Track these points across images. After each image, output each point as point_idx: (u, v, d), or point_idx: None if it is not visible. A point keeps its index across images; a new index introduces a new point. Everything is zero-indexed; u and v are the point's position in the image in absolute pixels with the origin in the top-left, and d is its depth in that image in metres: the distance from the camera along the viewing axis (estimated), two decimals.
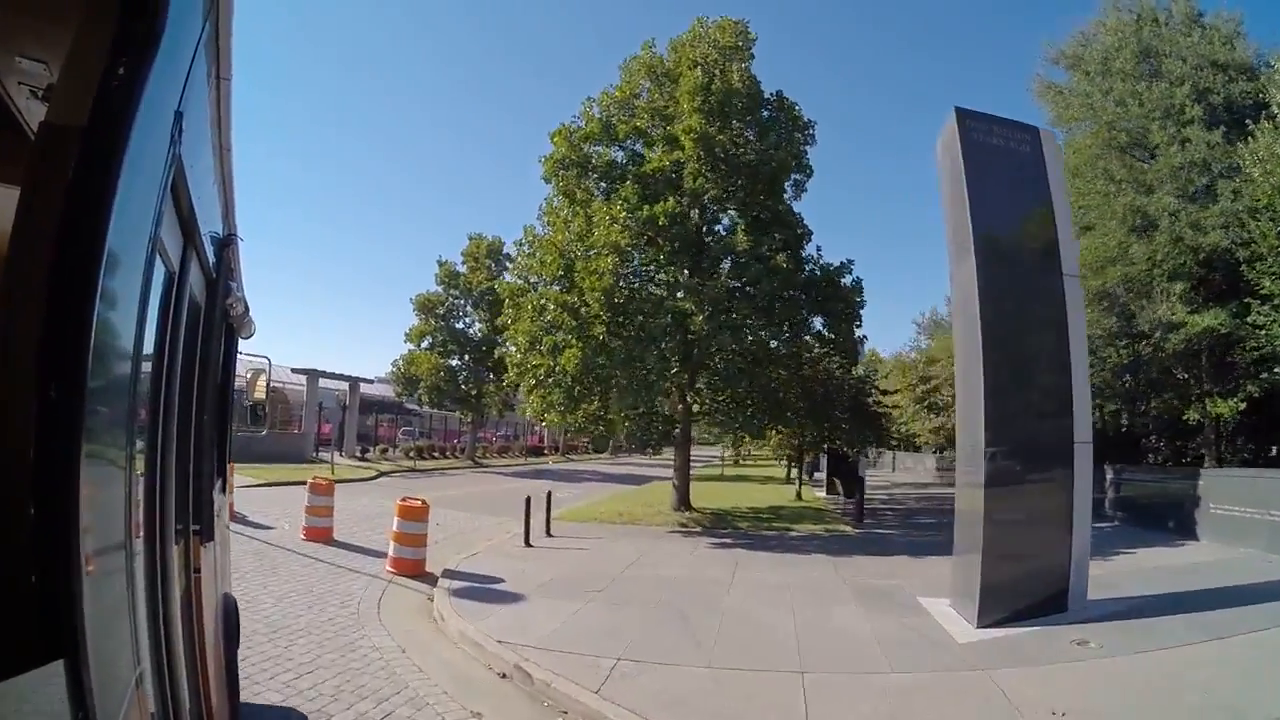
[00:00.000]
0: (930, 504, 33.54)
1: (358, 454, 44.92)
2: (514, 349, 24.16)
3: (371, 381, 52.03)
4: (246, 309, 5.08)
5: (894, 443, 49.67)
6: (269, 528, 18.36)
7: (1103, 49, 31.28)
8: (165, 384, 2.68)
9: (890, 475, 54.94)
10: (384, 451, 48.27)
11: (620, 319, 21.58)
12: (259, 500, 23.19)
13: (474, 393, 52.08)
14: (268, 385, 6.99)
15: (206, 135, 3.14)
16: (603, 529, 21.34)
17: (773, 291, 21.84)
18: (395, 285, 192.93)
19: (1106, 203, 29.49)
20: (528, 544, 17.41)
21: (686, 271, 22.54)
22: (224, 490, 5.68)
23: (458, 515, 23.70)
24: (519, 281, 25.24)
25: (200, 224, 2.95)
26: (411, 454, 49.19)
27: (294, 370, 45.90)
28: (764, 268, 21.80)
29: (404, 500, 14.70)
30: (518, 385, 48.18)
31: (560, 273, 22.35)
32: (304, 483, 27.40)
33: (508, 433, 75.08)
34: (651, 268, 23.60)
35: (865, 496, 27.98)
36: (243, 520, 18.87)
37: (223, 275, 3.93)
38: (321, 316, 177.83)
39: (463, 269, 53.32)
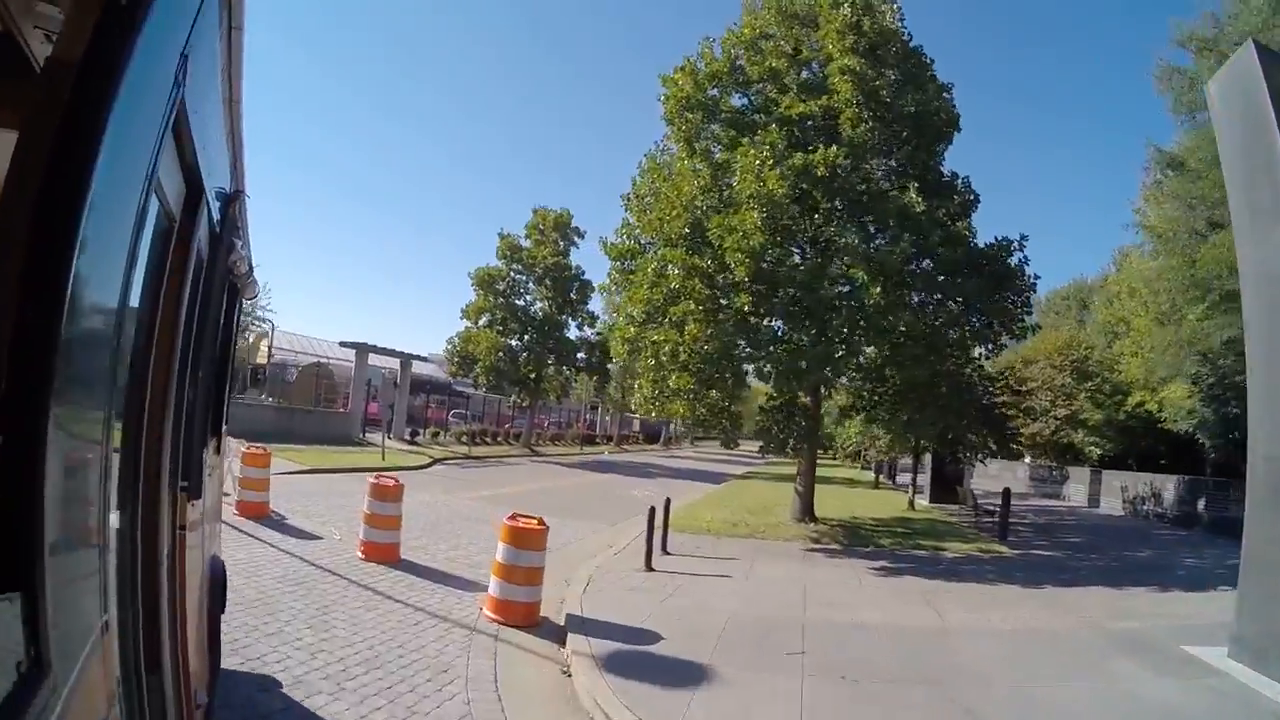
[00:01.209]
0: (1052, 517, 31.44)
1: (407, 437, 41.37)
2: (623, 320, 20.36)
3: (425, 359, 48.44)
4: (251, 268, 5.45)
5: (1015, 449, 45.74)
6: (315, 537, 14.30)
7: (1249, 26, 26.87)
8: (158, 333, 2.65)
9: (974, 483, 51.00)
10: (435, 435, 44.40)
11: (770, 289, 17.91)
12: (302, 493, 19.19)
13: (533, 375, 48.64)
14: (270, 349, 7.18)
15: (216, 84, 3.16)
16: (723, 544, 17.71)
17: (954, 262, 18.31)
18: (451, 259, 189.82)
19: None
20: (649, 567, 14.01)
21: (854, 234, 18.40)
22: (219, 451, 5.72)
23: (548, 520, 19.75)
24: (627, 242, 21.34)
25: (205, 175, 2.93)
26: (464, 439, 45.56)
27: (342, 344, 42.42)
28: (944, 234, 18.20)
29: (515, 521, 10.39)
30: (596, 369, 44.61)
31: (686, 230, 18.66)
32: (353, 471, 25.72)
33: (559, 419, 71.36)
34: (806, 227, 19.60)
35: (979, 506, 26.23)
36: (281, 524, 15.07)
37: (227, 231, 3.92)
38: (369, 290, 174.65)
39: (527, 243, 50.03)
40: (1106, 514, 35.29)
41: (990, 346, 21.12)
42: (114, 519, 2.16)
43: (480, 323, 48.25)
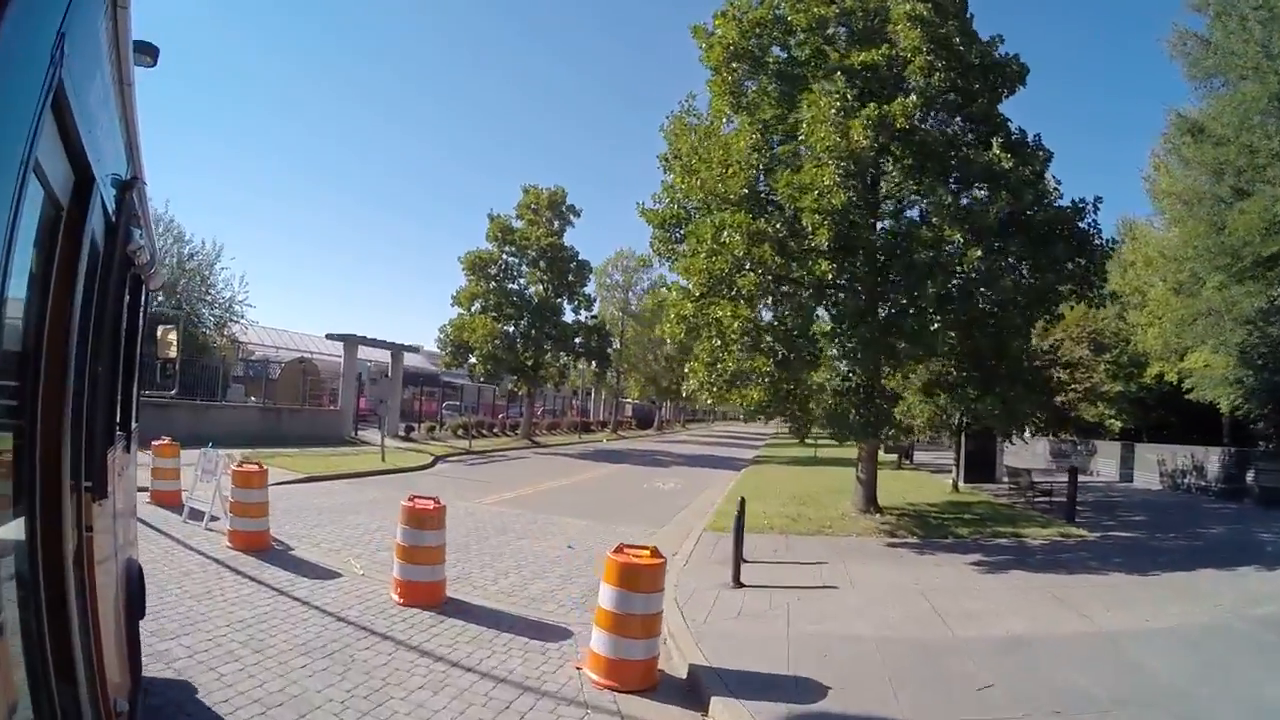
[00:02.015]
0: (1095, 494, 30.03)
1: (402, 433, 39.26)
2: (677, 295, 18.14)
3: (417, 350, 46.08)
4: (154, 258, 5.28)
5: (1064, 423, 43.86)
6: (331, 574, 11.55)
7: None
8: (48, 327, 2.54)
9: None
10: (431, 430, 42.31)
11: (849, 255, 16.04)
12: (303, 511, 16.79)
13: (531, 362, 46.49)
14: (179, 343, 6.91)
15: (103, 65, 3.08)
16: (796, 544, 15.82)
17: (1045, 223, 16.69)
18: (435, 247, 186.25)
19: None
20: (738, 582, 12.07)
21: (945, 193, 16.39)
22: (129, 449, 5.52)
23: (576, 524, 18.05)
24: (671, 207, 19.27)
25: (94, 161, 2.80)
26: (459, 432, 43.41)
27: (329, 336, 40.30)
28: (1035, 192, 16.46)
29: (625, 554, 7.99)
30: (595, 354, 42.69)
31: (744, 190, 16.68)
32: (354, 477, 23.83)
33: (553, 406, 69.24)
34: (892, 185, 17.90)
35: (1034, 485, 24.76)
36: (286, 558, 12.38)
37: (124, 219, 3.84)
38: (346, 281, 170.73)
39: (519, 224, 47.87)
40: (1144, 488, 33.80)
41: (1049, 317, 19.39)
42: (8, 521, 2.29)
43: (473, 309, 46.09)
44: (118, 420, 4.74)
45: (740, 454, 49.86)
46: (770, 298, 16.48)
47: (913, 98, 16.22)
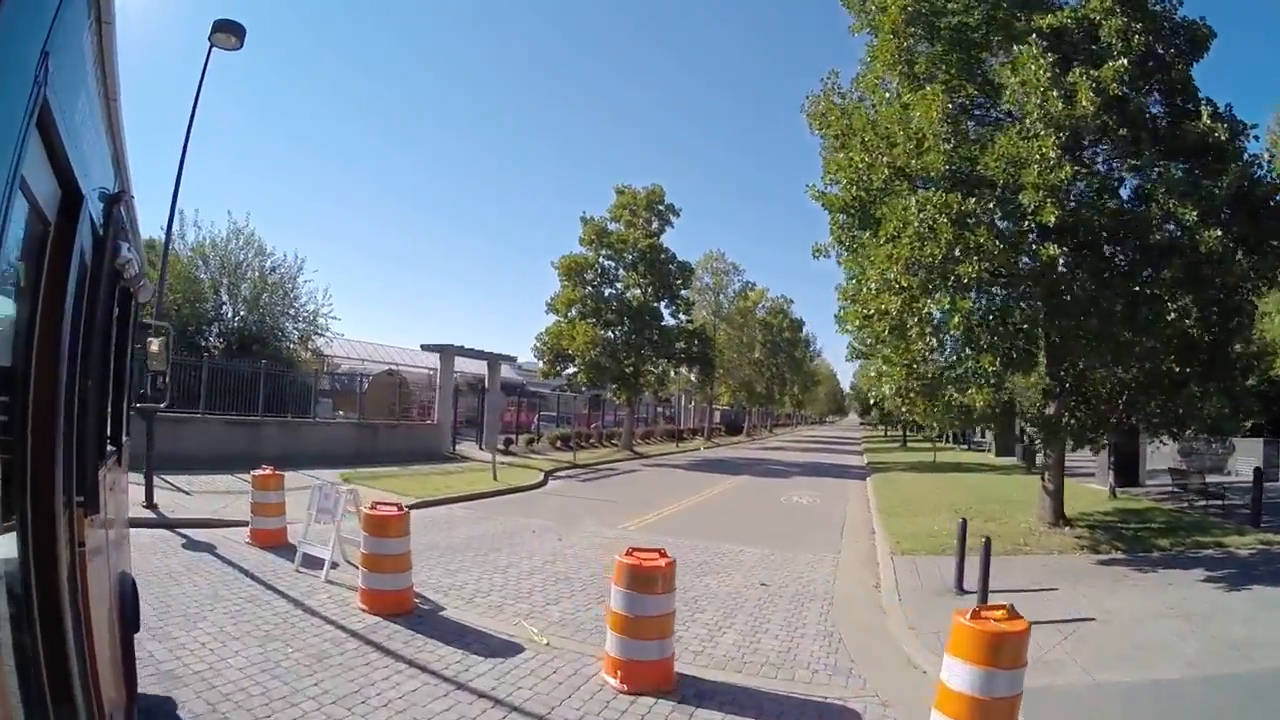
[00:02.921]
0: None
1: (501, 446, 37.38)
2: (873, 289, 15.76)
3: (514, 360, 44.39)
4: (142, 271, 5.19)
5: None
6: (511, 647, 8.97)
7: None
8: (38, 342, 2.55)
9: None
10: (530, 442, 40.68)
11: (1075, 238, 14.34)
12: (435, 551, 14.32)
13: (631, 370, 44.60)
14: (168, 355, 7.00)
15: (88, 83, 3.10)
16: (1004, 566, 13.37)
17: (1266, 197, 14.81)
18: (507, 257, 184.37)
19: None
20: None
21: (1174, 167, 14.46)
22: (121, 463, 5.64)
23: (750, 553, 15.98)
24: (850, 190, 17.01)
25: (81, 176, 2.81)
26: (558, 444, 41.90)
27: (425, 347, 38.90)
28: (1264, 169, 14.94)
29: (982, 619, 6.11)
30: (696, 359, 40.46)
31: (945, 166, 14.61)
32: (470, 499, 21.96)
33: (642, 415, 66.85)
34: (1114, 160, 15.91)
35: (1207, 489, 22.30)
36: (440, 625, 9.80)
37: (112, 233, 3.76)
38: (426, 293, 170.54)
39: (615, 226, 46.10)
40: None
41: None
42: (2, 538, 2.32)
43: (570, 315, 44.40)
44: (109, 434, 4.67)
45: (846, 460, 48.67)
46: (983, 288, 14.75)
47: (1122, 61, 14.20)
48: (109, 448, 4.63)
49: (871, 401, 22.13)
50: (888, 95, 17.60)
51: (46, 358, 2.60)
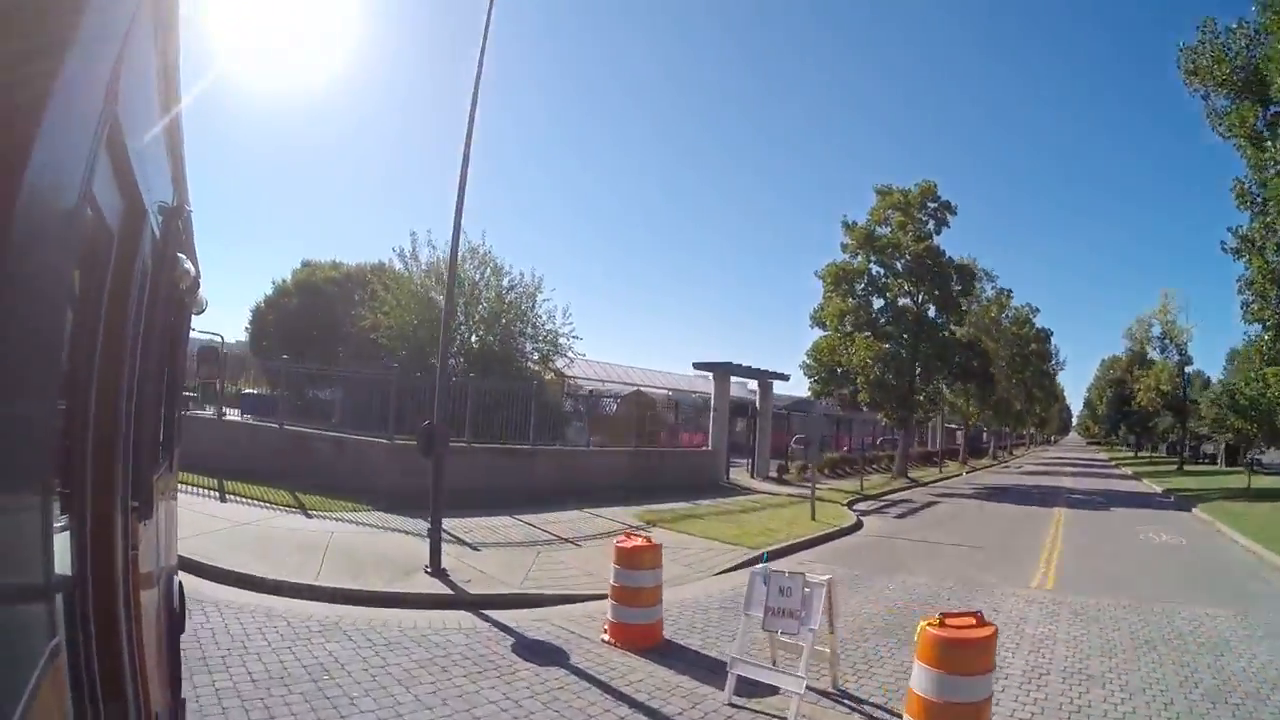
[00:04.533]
0: None
1: (774, 474, 33.82)
2: None
3: (786, 378, 39.99)
4: (198, 283, 5.23)
5: None
6: None
7: None
8: (100, 351, 2.54)
9: None
10: (803, 469, 35.75)
11: None
12: (862, 631, 10.81)
13: (915, 387, 39.82)
14: (219, 366, 7.38)
15: (152, 102, 3.11)
16: None
17: None
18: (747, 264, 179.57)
19: None
20: None
21: None
22: (171, 469, 5.63)
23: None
24: None
25: (144, 191, 2.86)
26: (826, 470, 36.60)
27: (697, 366, 35.33)
28: None
29: None
30: (974, 374, 35.84)
31: None
32: (804, 548, 18.13)
33: (890, 436, 61.52)
34: None
35: None
36: None
37: (171, 245, 3.87)
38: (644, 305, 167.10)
39: (885, 229, 41.21)
40: None
41: None
42: (63, 541, 2.28)
43: (843, 328, 39.89)
44: (162, 441, 4.65)
45: (1123, 485, 45.30)
46: None
47: None
48: (162, 455, 4.68)
49: None
50: None
51: (108, 366, 2.65)
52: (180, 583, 5.95)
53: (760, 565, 8.68)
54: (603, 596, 11.47)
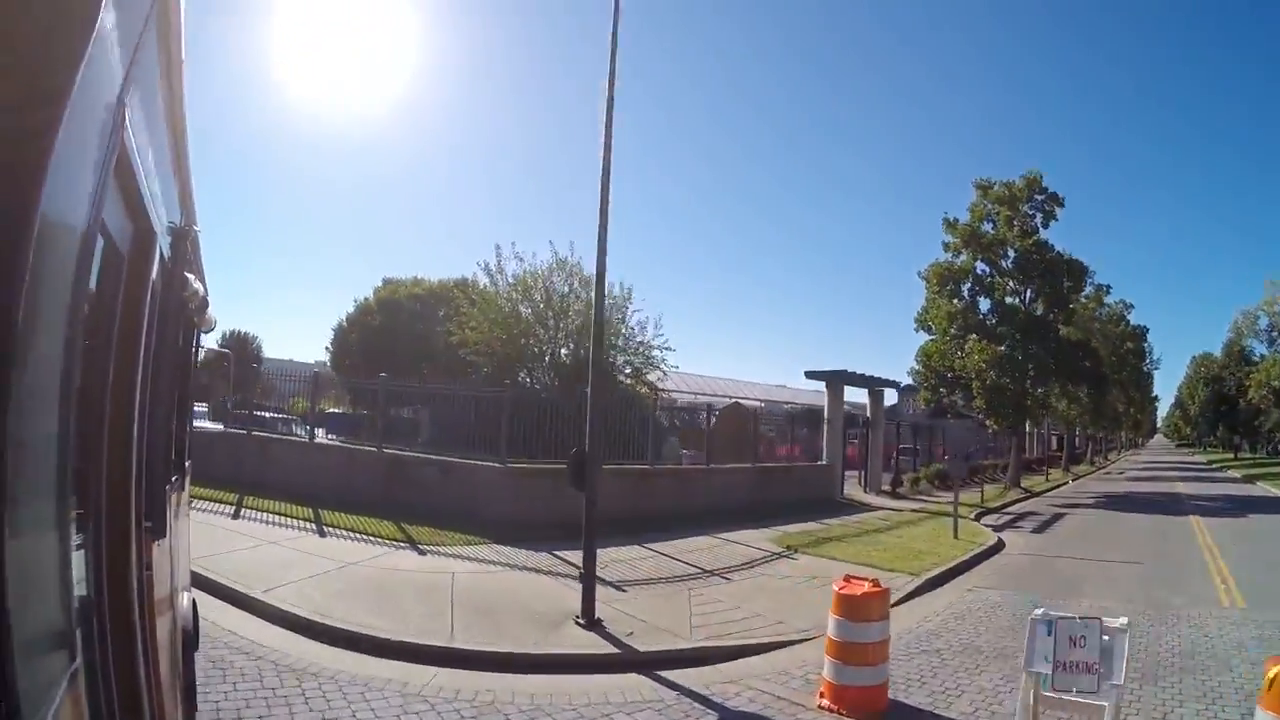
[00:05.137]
0: None
1: (887, 487, 32.13)
2: None
3: (898, 385, 38.17)
4: (206, 302, 5.32)
5: None
6: None
7: None
8: (114, 374, 2.66)
9: None
10: (915, 482, 34.24)
11: None
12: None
13: (1029, 393, 37.58)
14: (230, 380, 7.42)
15: (159, 124, 3.17)
16: None
17: None
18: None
19: None
20: None
21: None
22: (182, 488, 5.65)
23: None
24: None
25: (153, 213, 2.94)
26: (934, 482, 35.25)
27: (809, 374, 33.37)
28: None
29: None
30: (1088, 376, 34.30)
31: None
32: (958, 572, 16.07)
33: (990, 443, 59.13)
34: None
35: None
36: None
37: (179, 265, 3.99)
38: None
39: (990, 226, 38.93)
40: None
41: None
42: (77, 566, 2.21)
43: (951, 331, 37.70)
44: (173, 459, 4.71)
45: (1244, 489, 43.84)
46: None
47: None
48: (173, 474, 4.71)
49: None
50: None
51: (120, 387, 2.72)
52: (193, 599, 6.06)
53: (1039, 610, 7.03)
54: (784, 644, 10.22)
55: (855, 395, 34.54)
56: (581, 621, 10.40)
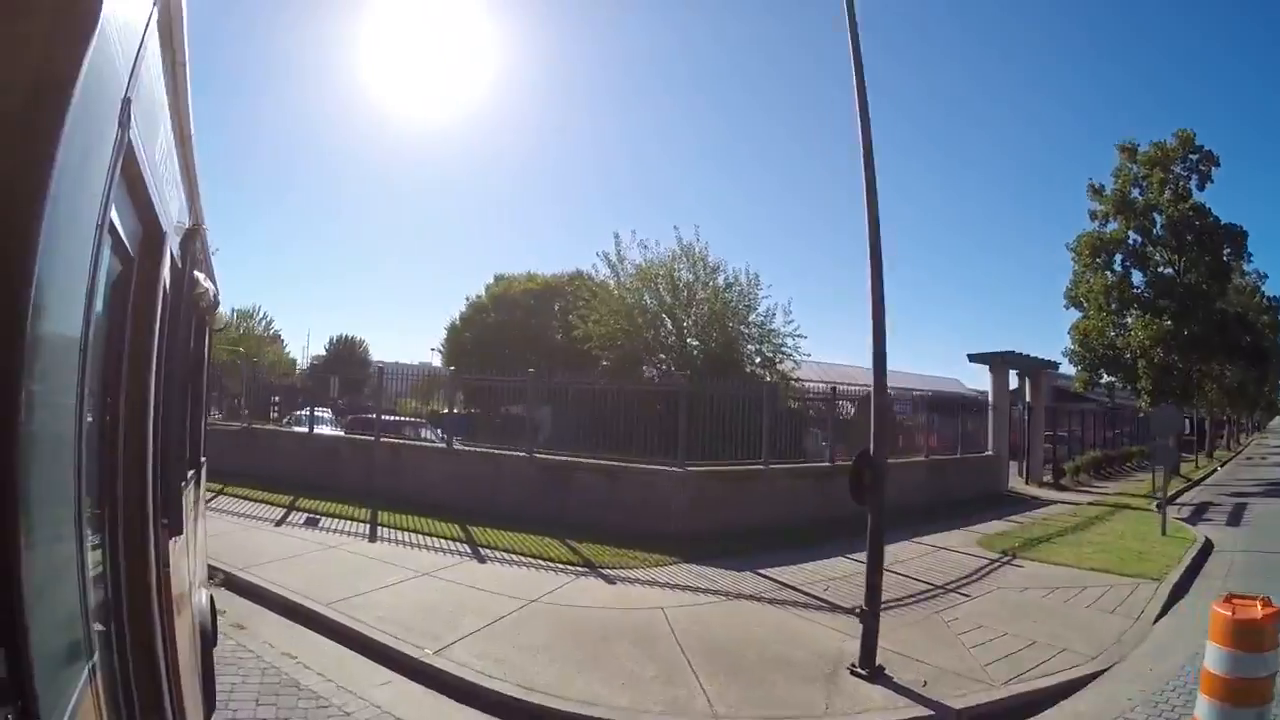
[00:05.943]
0: None
1: (1048, 478, 30.25)
2: None
3: (1057, 366, 35.56)
4: (216, 301, 5.63)
5: None
6: None
7: None
8: (127, 373, 2.76)
9: None
10: (1076, 472, 31.82)
11: None
12: None
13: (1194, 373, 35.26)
14: (245, 376, 9.68)
15: (165, 124, 3.21)
16: None
17: None
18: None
19: None
20: None
21: None
22: (198, 484, 5.77)
23: None
24: None
25: (160, 213, 2.99)
26: (1092, 472, 32.96)
27: (972, 358, 31.47)
28: None
29: None
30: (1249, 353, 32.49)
31: None
32: (1188, 574, 13.59)
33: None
34: None
35: None
36: None
37: (189, 265, 4.07)
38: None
39: (1137, 191, 36.26)
40: None
41: None
42: (96, 563, 2.32)
43: (1109, 306, 35.34)
44: (188, 457, 4.77)
45: None
46: None
47: None
48: (189, 471, 4.76)
49: None
50: None
51: (136, 387, 2.81)
52: (211, 596, 6.05)
53: None
54: (1090, 678, 8.58)
55: (977, 381, 32.69)
56: (862, 671, 8.35)
